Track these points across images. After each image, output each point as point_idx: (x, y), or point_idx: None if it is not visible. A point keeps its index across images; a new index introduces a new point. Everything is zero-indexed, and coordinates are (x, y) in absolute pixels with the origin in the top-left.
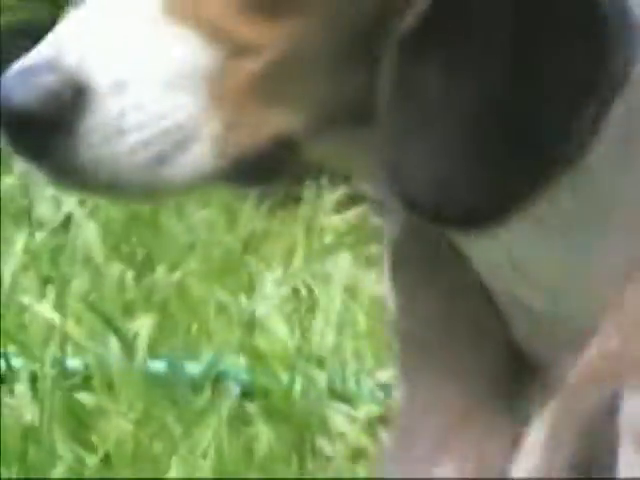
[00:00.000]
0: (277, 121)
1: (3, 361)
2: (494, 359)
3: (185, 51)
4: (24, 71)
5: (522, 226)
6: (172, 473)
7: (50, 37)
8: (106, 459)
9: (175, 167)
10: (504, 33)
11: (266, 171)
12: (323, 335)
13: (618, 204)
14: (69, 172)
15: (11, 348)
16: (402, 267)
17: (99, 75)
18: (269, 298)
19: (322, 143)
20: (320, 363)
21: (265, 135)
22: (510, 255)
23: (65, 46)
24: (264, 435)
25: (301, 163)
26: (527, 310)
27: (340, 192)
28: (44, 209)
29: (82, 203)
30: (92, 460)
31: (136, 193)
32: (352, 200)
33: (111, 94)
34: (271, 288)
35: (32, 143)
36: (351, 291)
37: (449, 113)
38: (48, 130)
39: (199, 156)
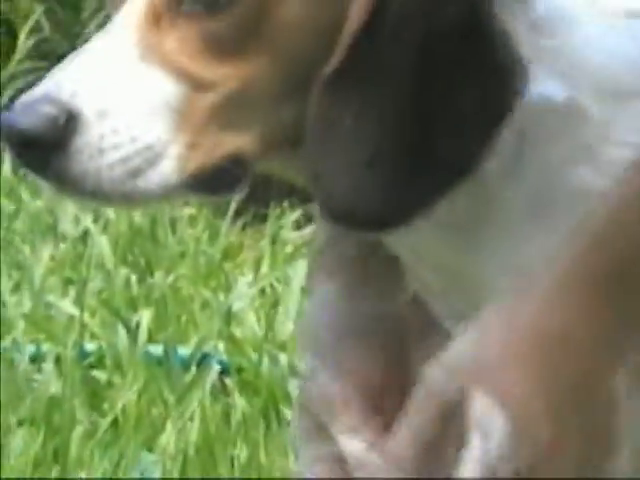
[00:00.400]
0: (229, 143)
1: (34, 346)
2: (400, 341)
3: (155, 88)
4: (29, 102)
5: (423, 226)
6: (166, 433)
7: (50, 76)
8: (115, 422)
9: (146, 180)
10: (408, 71)
11: (222, 183)
12: (284, 324)
13: (506, 210)
14: (64, 182)
15: (40, 336)
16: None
17: (86, 106)
18: (242, 296)
19: (267, 161)
20: (282, 346)
21: (220, 154)
22: (414, 249)
23: (61, 83)
24: (239, 404)
25: (254, 178)
26: (430, 287)
27: (298, 213)
28: (66, 226)
29: (96, 221)
30: (104, 423)
31: (116, 200)
32: (308, 219)
33: (95, 121)
34: (244, 288)
35: (34, 159)
36: (306, 290)
37: (361, 137)
38: (47, 149)
39: (166, 171)
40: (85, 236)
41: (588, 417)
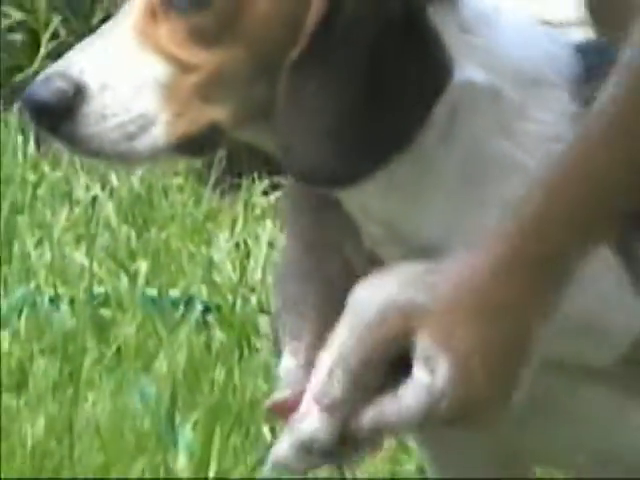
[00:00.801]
0: (209, 114)
1: (52, 290)
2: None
3: (149, 68)
4: (46, 77)
5: (372, 185)
6: (160, 359)
7: (64, 58)
8: (118, 351)
9: (140, 142)
10: (359, 57)
11: (202, 147)
12: (254, 272)
13: (441, 174)
14: (74, 143)
15: (57, 282)
16: (292, 213)
17: (92, 80)
18: (221, 250)
19: (242, 130)
20: (253, 289)
21: (201, 123)
22: (363, 206)
23: (72, 62)
24: (217, 336)
25: (230, 154)
26: (375, 238)
27: (265, 183)
28: (79, 193)
29: (103, 188)
30: (109, 352)
31: (116, 159)
32: (273, 187)
33: (98, 93)
34: (222, 243)
35: (50, 124)
36: (272, 244)
37: (320, 111)
38: (60, 115)
39: (155, 135)
40: (94, 201)
41: (511, 366)
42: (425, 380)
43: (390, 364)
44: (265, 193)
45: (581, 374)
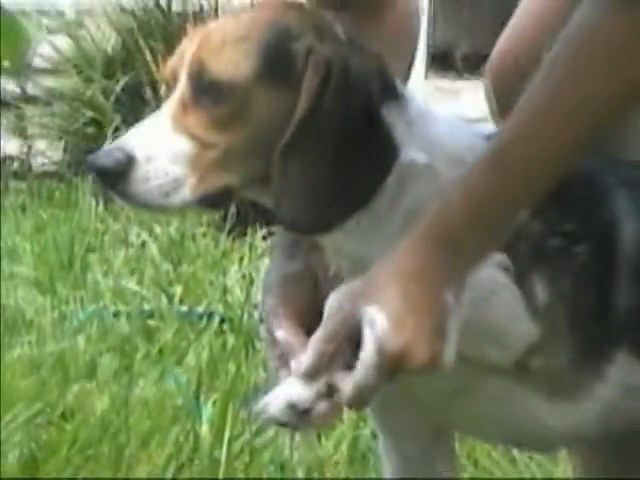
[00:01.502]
0: (223, 179)
1: (114, 307)
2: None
3: (180, 145)
4: (107, 150)
5: (340, 232)
6: (189, 356)
7: (123, 136)
8: (160, 350)
9: (173, 198)
10: (332, 141)
11: (217, 203)
12: (256, 294)
13: (390, 224)
14: (126, 197)
15: (118, 302)
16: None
17: (140, 153)
18: (233, 279)
19: (247, 191)
20: (255, 306)
21: (217, 185)
22: (334, 244)
23: (126, 139)
24: (230, 340)
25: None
26: (340, 264)
27: (264, 231)
28: (133, 238)
29: (150, 235)
30: (153, 351)
31: (156, 209)
32: (270, 234)
33: (144, 162)
34: (233, 274)
35: (109, 183)
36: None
37: (303, 180)
38: (116, 177)
39: (185, 193)
40: (143, 244)
41: (432, 316)
42: (371, 336)
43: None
44: (264, 238)
45: (486, 369)
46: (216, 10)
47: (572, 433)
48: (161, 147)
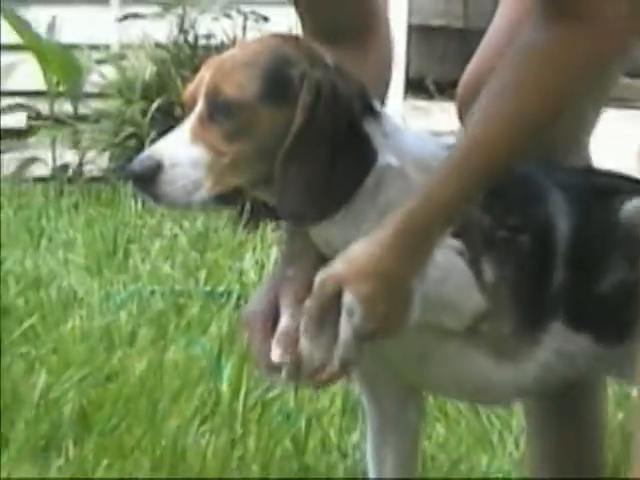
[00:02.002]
0: (234, 181)
1: (151, 287)
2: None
3: (199, 154)
4: (139, 158)
5: (329, 223)
6: (212, 327)
7: (152, 146)
8: (188, 323)
9: (194, 197)
10: (323, 148)
11: (231, 201)
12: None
13: (368, 218)
14: (156, 198)
15: (154, 282)
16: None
17: (166, 160)
18: (248, 264)
19: (255, 191)
20: None
21: (229, 186)
22: (323, 235)
23: (155, 148)
24: None
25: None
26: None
27: (273, 223)
28: (166, 231)
29: (180, 228)
30: (183, 323)
31: (180, 207)
32: (278, 226)
33: (170, 168)
34: (249, 260)
35: (141, 186)
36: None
37: (299, 180)
38: (147, 181)
39: (203, 193)
40: (175, 236)
41: (401, 302)
42: (348, 323)
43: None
44: (273, 230)
45: (446, 333)
46: (234, 44)
47: (514, 389)
48: (183, 155)
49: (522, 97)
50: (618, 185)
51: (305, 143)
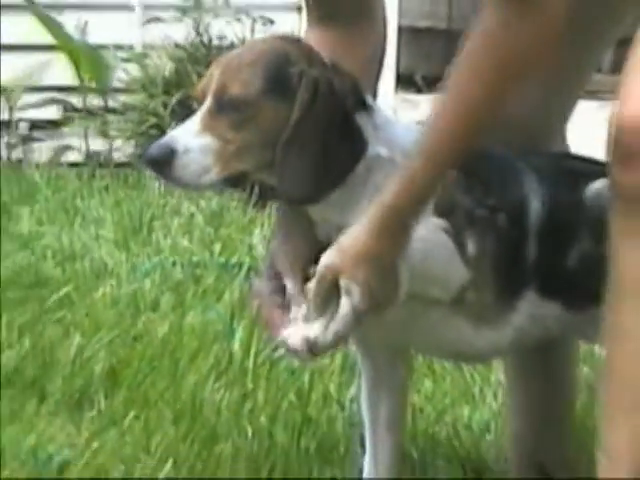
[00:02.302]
0: (240, 166)
1: (171, 259)
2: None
3: (208, 141)
4: (157, 144)
5: (326, 204)
6: (226, 294)
7: (168, 134)
8: (204, 291)
9: (204, 179)
10: (319, 136)
11: (237, 183)
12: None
13: (361, 200)
14: (170, 180)
15: (174, 255)
16: (283, 220)
17: (179, 147)
18: (257, 239)
19: (259, 174)
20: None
21: (236, 170)
22: (321, 214)
23: (170, 137)
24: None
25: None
26: (326, 229)
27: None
28: (184, 209)
29: (197, 207)
30: (199, 291)
31: (192, 188)
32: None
33: (183, 153)
34: (257, 235)
35: (157, 170)
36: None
37: (298, 164)
38: (162, 165)
39: (212, 176)
40: (192, 215)
41: (390, 280)
42: (347, 302)
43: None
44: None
45: (432, 302)
46: (242, 44)
47: (493, 349)
48: (194, 143)
49: (469, 82)
50: (584, 169)
51: (302, 133)
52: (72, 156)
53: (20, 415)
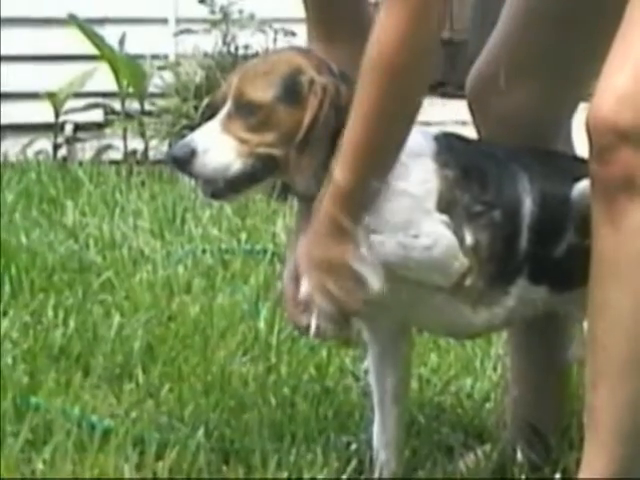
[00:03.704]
0: (258, 162)
1: (202, 246)
2: None
3: (227, 142)
4: (179, 145)
5: None
6: (253, 276)
7: (189, 135)
8: (232, 274)
9: (225, 175)
10: (327, 137)
11: (253, 181)
12: None
13: None
14: (193, 176)
15: (204, 243)
16: (300, 215)
17: (199, 147)
18: (279, 227)
19: (274, 173)
20: None
21: (253, 167)
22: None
23: (191, 137)
24: (278, 268)
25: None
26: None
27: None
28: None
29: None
30: (228, 275)
31: (213, 184)
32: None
33: (203, 153)
34: (280, 225)
35: (180, 167)
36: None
37: (310, 163)
38: (184, 163)
39: (232, 172)
40: (221, 207)
41: (348, 280)
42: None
43: None
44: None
45: (435, 287)
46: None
47: (487, 327)
48: (214, 143)
49: (360, 88)
50: (571, 167)
51: (314, 136)
52: (112, 154)
53: (67, 388)
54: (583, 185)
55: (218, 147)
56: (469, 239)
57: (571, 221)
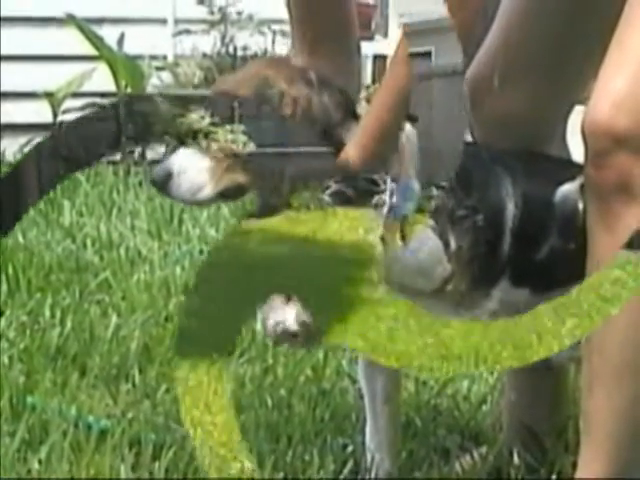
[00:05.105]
0: (232, 181)
1: (199, 247)
2: None
3: (203, 163)
4: (160, 166)
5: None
6: None
7: (170, 157)
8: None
9: (198, 195)
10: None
11: (232, 196)
12: None
13: None
14: (172, 197)
15: (201, 244)
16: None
17: (175, 169)
18: None
19: (252, 187)
20: None
21: (229, 185)
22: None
23: (170, 161)
24: None
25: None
26: None
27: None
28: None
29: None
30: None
31: (189, 203)
32: None
33: (178, 174)
34: None
35: (159, 187)
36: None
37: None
38: (163, 184)
39: (206, 192)
40: (218, 208)
41: None
42: None
43: None
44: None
45: (418, 291)
46: (264, 54)
47: None
48: (189, 164)
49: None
50: (557, 171)
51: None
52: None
53: (63, 388)
54: (567, 188)
55: (193, 168)
56: (453, 243)
57: (554, 224)
